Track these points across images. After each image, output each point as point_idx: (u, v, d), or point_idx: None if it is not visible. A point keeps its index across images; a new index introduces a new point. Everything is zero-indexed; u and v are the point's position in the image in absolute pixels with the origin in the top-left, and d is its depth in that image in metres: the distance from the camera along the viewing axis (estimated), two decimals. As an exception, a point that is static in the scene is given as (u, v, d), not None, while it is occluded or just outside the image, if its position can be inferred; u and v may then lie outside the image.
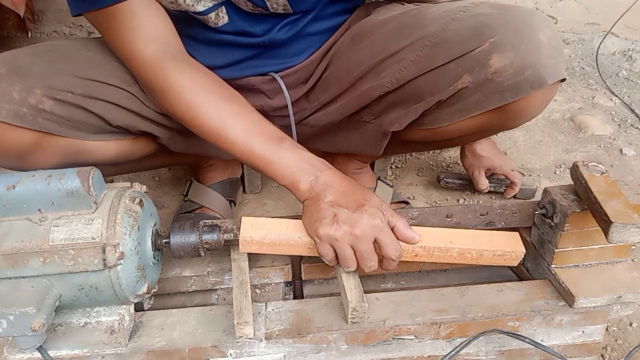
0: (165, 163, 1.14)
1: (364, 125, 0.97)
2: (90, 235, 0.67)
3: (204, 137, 0.80)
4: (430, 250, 0.77)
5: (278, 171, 0.76)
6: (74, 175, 0.68)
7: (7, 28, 1.76)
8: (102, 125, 0.84)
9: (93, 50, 0.86)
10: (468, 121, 0.85)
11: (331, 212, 0.72)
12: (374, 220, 0.72)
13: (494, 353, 0.81)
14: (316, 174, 0.76)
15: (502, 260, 0.80)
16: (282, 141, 0.78)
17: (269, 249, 0.78)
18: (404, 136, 0.95)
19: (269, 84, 0.97)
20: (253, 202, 1.27)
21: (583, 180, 0.77)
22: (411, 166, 1.39)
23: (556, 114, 1.62)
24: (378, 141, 0.96)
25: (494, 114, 0.82)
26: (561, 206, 0.79)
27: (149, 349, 0.72)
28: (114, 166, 0.95)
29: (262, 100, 0.99)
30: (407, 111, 0.88)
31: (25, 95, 0.75)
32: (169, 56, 0.81)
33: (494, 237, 0.80)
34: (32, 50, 0.82)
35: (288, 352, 0.75)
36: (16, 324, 0.63)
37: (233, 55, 0.93)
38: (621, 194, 0.74)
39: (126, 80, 0.85)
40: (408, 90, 0.87)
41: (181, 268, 0.87)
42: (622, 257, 0.83)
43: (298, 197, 0.77)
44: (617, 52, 1.97)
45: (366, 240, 0.71)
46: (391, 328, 0.75)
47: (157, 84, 0.80)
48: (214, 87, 0.81)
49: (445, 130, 0.89)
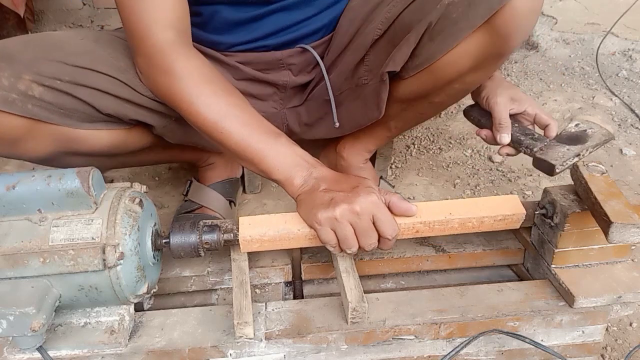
0: (161, 158, 1.14)
1: (363, 91, 0.98)
2: (90, 235, 0.67)
3: (199, 127, 0.80)
4: (431, 224, 0.77)
5: (273, 165, 0.77)
6: (74, 176, 0.68)
7: (7, 28, 1.76)
8: (92, 113, 0.84)
9: (85, 38, 0.87)
10: (462, 51, 0.84)
11: (327, 197, 0.73)
12: (371, 197, 0.72)
13: (494, 353, 0.81)
14: (310, 170, 0.77)
15: (503, 224, 0.80)
16: (279, 136, 0.79)
17: (270, 245, 0.78)
18: (403, 91, 0.95)
19: (296, 58, 0.99)
20: (253, 202, 1.27)
21: (583, 181, 0.77)
22: (411, 166, 1.39)
23: (556, 114, 1.62)
24: (377, 96, 0.95)
25: (485, 35, 0.81)
26: (561, 206, 0.79)
27: (149, 349, 0.72)
28: (109, 158, 0.94)
29: (287, 76, 1.01)
30: (400, 46, 0.88)
31: (14, 81, 0.75)
32: (180, 44, 0.81)
33: (493, 202, 0.80)
34: (23, 39, 0.82)
35: (288, 352, 0.75)
36: (16, 324, 0.63)
37: (266, 26, 0.95)
38: (621, 194, 0.74)
39: (119, 68, 0.85)
40: (398, 28, 0.88)
41: (181, 268, 0.87)
42: (622, 257, 0.83)
43: (291, 193, 0.77)
44: (617, 52, 1.97)
45: (366, 216, 0.71)
46: (391, 328, 0.75)
47: (163, 68, 0.81)
48: (216, 80, 0.82)
49: (443, 70, 0.88)
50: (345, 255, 0.81)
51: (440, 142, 1.49)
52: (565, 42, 2.00)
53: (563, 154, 0.90)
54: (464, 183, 1.33)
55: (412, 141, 1.49)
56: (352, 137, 1.13)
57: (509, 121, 0.95)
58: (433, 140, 1.50)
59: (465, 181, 1.34)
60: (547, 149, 0.91)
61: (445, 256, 0.91)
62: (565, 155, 0.89)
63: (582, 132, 0.93)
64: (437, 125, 1.57)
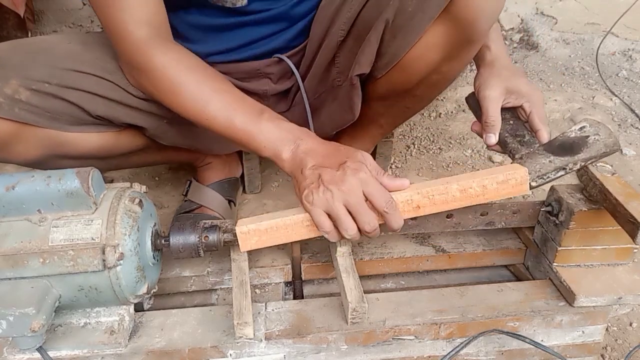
0: (156, 160, 1.14)
1: (338, 92, 0.98)
2: (90, 235, 0.67)
3: (185, 115, 0.80)
4: (430, 194, 0.73)
5: (260, 142, 0.76)
6: (74, 176, 0.68)
7: (7, 28, 1.76)
8: (82, 116, 0.84)
9: (73, 41, 0.87)
10: (428, 43, 0.83)
11: (315, 175, 0.71)
12: (359, 174, 0.70)
13: (494, 353, 0.81)
14: (297, 142, 0.75)
15: (509, 187, 0.73)
16: (262, 113, 0.78)
17: (268, 238, 0.75)
18: (380, 89, 0.94)
19: (274, 67, 0.98)
20: (253, 202, 1.26)
21: (597, 182, 0.77)
22: (411, 166, 1.39)
23: (556, 114, 1.62)
24: (350, 100, 0.95)
25: (447, 25, 0.80)
26: (568, 204, 0.79)
27: (148, 349, 0.72)
28: (100, 161, 0.94)
29: (267, 85, 1.00)
30: (362, 48, 0.88)
31: (1, 85, 0.76)
32: (157, 39, 0.81)
33: (492, 170, 0.75)
34: (11, 44, 0.83)
35: (288, 353, 0.75)
36: (16, 325, 0.63)
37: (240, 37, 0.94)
38: (638, 194, 0.74)
39: (107, 69, 0.85)
40: (361, 27, 0.88)
41: (181, 268, 0.87)
42: (624, 259, 0.83)
43: (284, 169, 0.76)
44: (617, 52, 1.97)
45: (356, 194, 0.69)
46: (391, 328, 0.75)
47: (142, 64, 0.81)
48: (197, 67, 0.82)
49: (413, 65, 0.87)
50: (345, 255, 0.81)
51: (440, 142, 1.49)
52: (565, 42, 2.00)
53: (541, 166, 0.76)
54: (464, 183, 1.33)
55: (412, 141, 1.49)
56: (349, 136, 1.13)
57: (497, 119, 0.85)
58: (433, 140, 1.50)
59: (465, 181, 1.34)
60: (527, 158, 0.78)
61: (445, 256, 0.91)
62: (544, 169, 0.75)
63: (582, 138, 0.79)
64: (437, 125, 1.57)
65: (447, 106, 1.66)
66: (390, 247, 0.91)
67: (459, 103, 1.66)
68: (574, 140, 0.79)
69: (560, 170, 0.76)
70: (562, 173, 0.76)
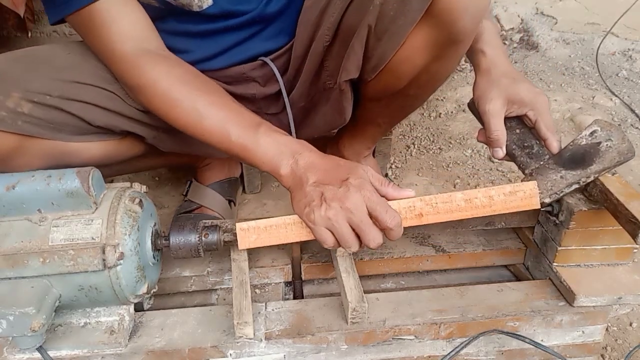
0: (157, 164, 1.14)
1: (329, 95, 0.97)
2: (90, 235, 0.67)
3: (182, 129, 0.80)
4: (434, 202, 0.71)
5: (258, 158, 0.75)
6: (74, 176, 0.68)
7: (7, 28, 1.76)
8: (83, 126, 0.84)
9: (72, 52, 0.86)
10: (413, 45, 0.82)
11: (317, 192, 0.69)
12: (362, 191, 0.68)
13: (494, 353, 0.81)
14: (295, 157, 0.73)
15: (517, 200, 0.71)
16: (259, 127, 0.76)
17: (267, 237, 0.74)
18: (372, 92, 0.94)
19: (260, 70, 0.97)
20: (253, 202, 1.27)
21: (598, 181, 0.77)
22: (411, 166, 1.39)
23: (556, 114, 1.62)
24: (340, 104, 0.94)
25: (430, 26, 0.79)
26: (568, 204, 0.79)
27: (148, 349, 0.72)
28: (103, 168, 0.94)
29: (255, 88, 0.99)
30: (347, 54, 0.87)
31: (3, 99, 0.75)
32: (145, 52, 0.80)
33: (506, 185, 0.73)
34: (10, 56, 0.82)
35: (288, 352, 0.75)
36: (16, 324, 0.63)
37: (220, 43, 0.92)
38: (639, 194, 0.74)
39: (106, 79, 0.85)
40: (344, 32, 0.87)
41: (181, 268, 0.87)
42: (624, 259, 0.83)
43: (283, 184, 0.75)
44: (617, 52, 1.97)
45: (360, 212, 0.68)
46: (391, 328, 0.75)
47: (134, 81, 0.80)
48: (189, 78, 0.81)
49: (400, 67, 0.86)
50: (345, 255, 0.82)
51: (440, 142, 1.49)
52: (565, 42, 2.00)
53: (553, 183, 0.76)
54: (464, 183, 1.33)
55: (412, 141, 1.50)
56: (349, 136, 1.13)
57: (502, 133, 0.83)
58: (433, 140, 1.50)
59: (465, 181, 1.34)
60: (538, 174, 0.77)
61: (445, 256, 0.91)
62: (556, 186, 0.75)
63: (594, 146, 0.77)
64: (437, 125, 1.57)
65: (447, 106, 1.66)
66: (390, 247, 0.91)
67: (459, 103, 1.66)
68: (586, 149, 0.77)
69: (574, 184, 0.76)
70: (575, 187, 0.76)
